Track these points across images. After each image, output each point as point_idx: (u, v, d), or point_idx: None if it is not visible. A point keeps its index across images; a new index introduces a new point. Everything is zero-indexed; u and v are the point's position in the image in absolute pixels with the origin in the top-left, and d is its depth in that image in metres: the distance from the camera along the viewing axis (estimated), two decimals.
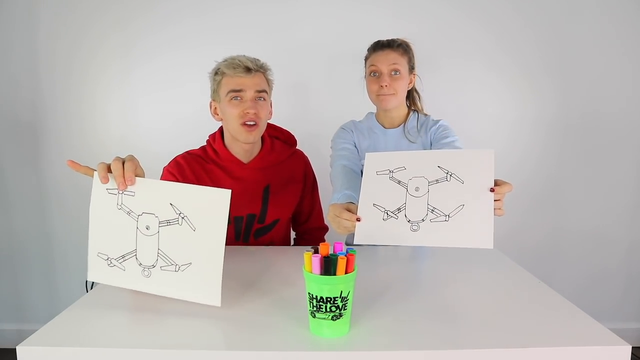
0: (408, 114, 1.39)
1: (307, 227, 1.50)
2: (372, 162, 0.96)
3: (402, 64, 1.30)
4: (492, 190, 0.91)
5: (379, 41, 1.34)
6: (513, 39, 1.88)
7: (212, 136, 1.35)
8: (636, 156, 1.96)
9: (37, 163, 1.95)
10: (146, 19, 1.86)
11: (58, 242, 2.01)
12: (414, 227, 0.94)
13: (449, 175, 0.92)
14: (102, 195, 0.86)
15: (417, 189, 0.94)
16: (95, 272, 0.87)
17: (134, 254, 0.85)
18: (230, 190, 0.82)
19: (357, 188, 1.19)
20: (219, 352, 0.68)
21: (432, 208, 0.93)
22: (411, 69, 1.34)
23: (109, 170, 0.84)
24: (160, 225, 0.84)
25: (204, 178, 1.28)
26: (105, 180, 0.83)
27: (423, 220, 0.94)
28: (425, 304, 0.85)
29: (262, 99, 1.24)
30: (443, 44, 1.88)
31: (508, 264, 1.10)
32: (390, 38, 1.34)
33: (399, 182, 0.94)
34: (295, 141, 1.45)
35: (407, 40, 1.35)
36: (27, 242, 2.01)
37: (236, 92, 1.21)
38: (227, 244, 1.32)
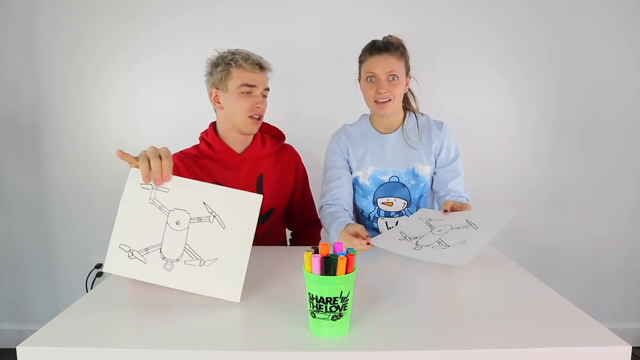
0: (405, 116, 1.35)
1: (301, 220, 1.52)
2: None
3: (400, 68, 1.26)
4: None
5: (374, 43, 1.27)
6: (515, 38, 1.88)
7: (205, 132, 1.40)
8: (637, 157, 1.96)
9: (37, 163, 1.95)
10: (146, 14, 1.85)
11: (58, 243, 2.01)
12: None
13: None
14: (135, 189, 0.89)
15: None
16: (113, 263, 0.88)
17: (159, 247, 0.88)
18: (261, 196, 0.89)
19: (347, 217, 1.24)
20: (219, 352, 0.68)
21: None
22: (407, 72, 1.30)
23: (149, 165, 0.87)
24: (191, 221, 0.88)
25: (199, 173, 1.32)
26: (147, 180, 0.87)
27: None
28: (425, 304, 0.85)
29: (265, 96, 1.32)
30: (444, 43, 1.88)
31: (508, 264, 1.10)
32: (385, 38, 1.29)
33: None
34: (284, 136, 1.49)
35: (402, 40, 1.30)
36: (28, 242, 2.01)
37: (250, 87, 1.26)
38: None
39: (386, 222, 1.35)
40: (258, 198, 0.88)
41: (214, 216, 0.88)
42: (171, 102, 1.90)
